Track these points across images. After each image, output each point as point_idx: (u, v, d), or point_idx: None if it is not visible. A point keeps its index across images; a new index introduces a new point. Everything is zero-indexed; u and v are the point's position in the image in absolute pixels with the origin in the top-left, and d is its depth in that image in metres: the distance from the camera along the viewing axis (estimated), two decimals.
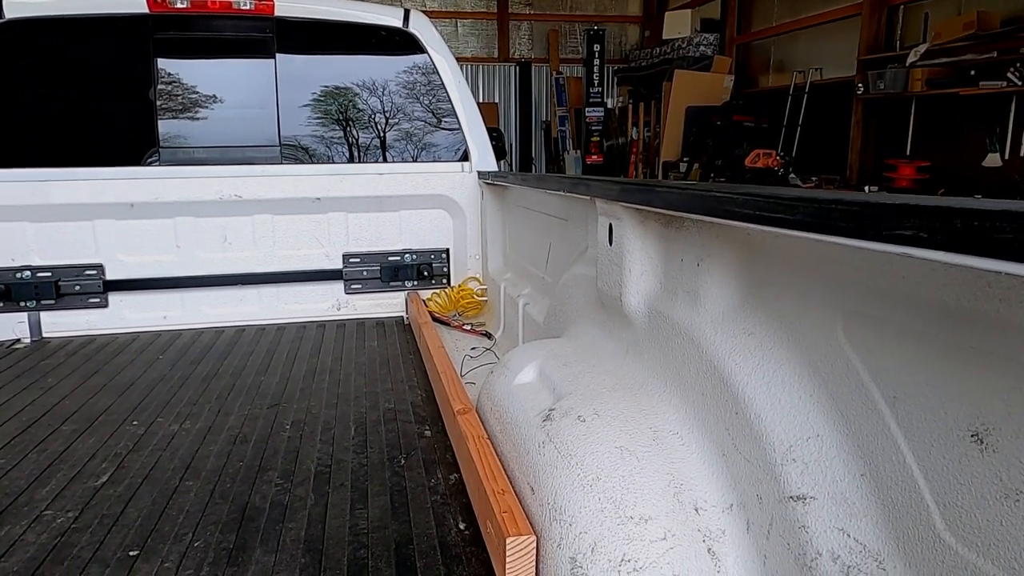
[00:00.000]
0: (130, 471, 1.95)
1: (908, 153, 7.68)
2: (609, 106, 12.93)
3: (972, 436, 0.85)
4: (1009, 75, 6.25)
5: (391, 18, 3.67)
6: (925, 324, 0.93)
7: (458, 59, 3.90)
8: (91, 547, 1.58)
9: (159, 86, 3.45)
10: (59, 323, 3.38)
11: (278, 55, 3.56)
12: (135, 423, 2.29)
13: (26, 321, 3.33)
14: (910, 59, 7.21)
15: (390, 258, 3.75)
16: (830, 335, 1.11)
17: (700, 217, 1.31)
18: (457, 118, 3.76)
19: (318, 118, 3.67)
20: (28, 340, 3.31)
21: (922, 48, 7.09)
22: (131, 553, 1.55)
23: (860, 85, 7.97)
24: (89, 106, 3.42)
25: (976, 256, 0.65)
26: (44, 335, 3.35)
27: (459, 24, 13.45)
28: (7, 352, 3.14)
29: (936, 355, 0.91)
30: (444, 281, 3.84)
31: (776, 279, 1.28)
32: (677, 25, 11.38)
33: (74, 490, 1.85)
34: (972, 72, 6.64)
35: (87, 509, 1.75)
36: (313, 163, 3.64)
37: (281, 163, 3.58)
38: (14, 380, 2.74)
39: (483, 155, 3.80)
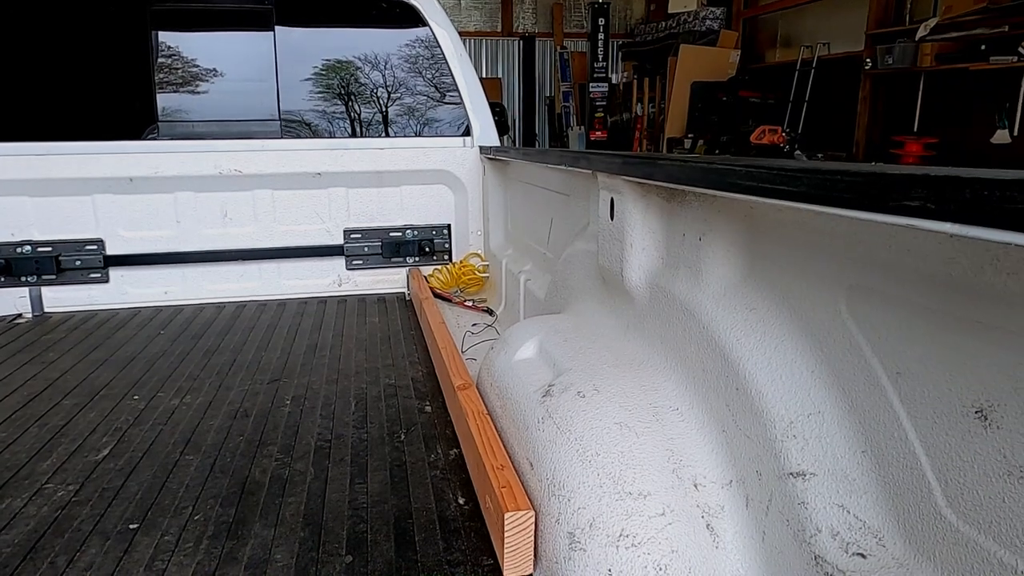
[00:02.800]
0: (131, 445, 1.96)
1: (915, 130, 7.60)
2: (613, 81, 12.81)
3: (976, 412, 0.84)
4: (1020, 50, 6.14)
5: None
6: (930, 299, 0.91)
7: (461, 34, 3.85)
8: (92, 520, 1.59)
9: (157, 59, 3.41)
10: (60, 298, 3.38)
11: (277, 27, 3.51)
12: (136, 397, 2.29)
13: (27, 296, 3.32)
14: (920, 33, 7.10)
15: (391, 234, 3.72)
16: (833, 310, 1.09)
17: (703, 190, 1.28)
18: (459, 92, 3.72)
19: (318, 92, 3.63)
20: (30, 315, 3.31)
21: (932, 22, 6.98)
22: (131, 526, 1.56)
23: (868, 60, 7.86)
24: (87, 79, 3.38)
25: (986, 227, 0.63)
26: (46, 310, 3.35)
27: None
28: (9, 327, 3.14)
29: (941, 330, 0.90)
30: (445, 257, 3.82)
31: (779, 254, 1.26)
32: None
33: (75, 464, 1.85)
34: (983, 47, 6.54)
35: (88, 482, 1.75)
36: (313, 137, 3.61)
37: (281, 137, 3.55)
38: (16, 355, 2.74)
39: (485, 129, 3.76)
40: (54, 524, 1.57)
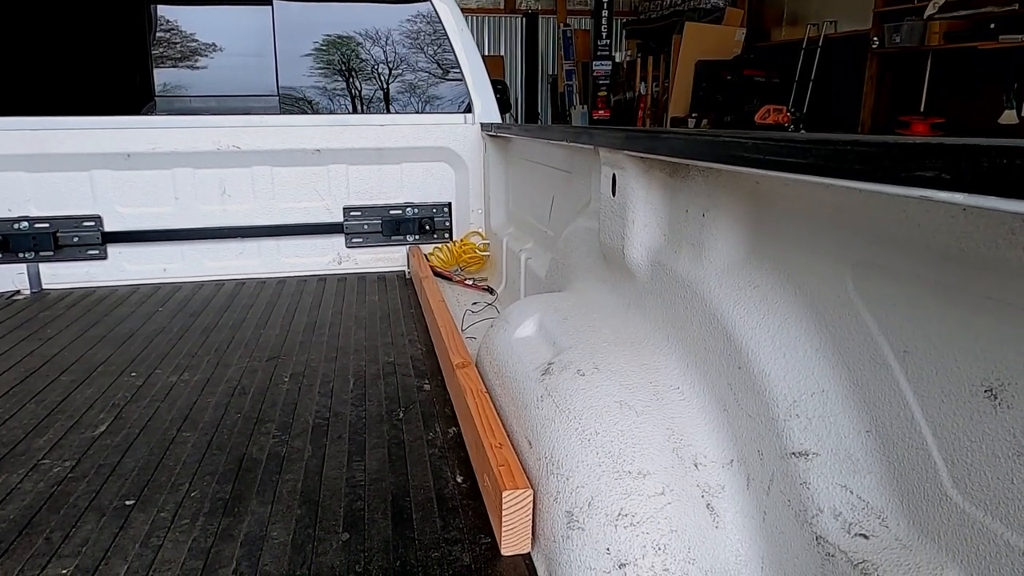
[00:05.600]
0: (128, 421, 1.95)
1: (922, 110, 7.51)
2: (617, 60, 12.66)
3: (986, 391, 0.82)
4: None
5: None
6: (940, 274, 0.89)
7: (463, 10, 3.79)
8: (88, 496, 1.58)
9: (155, 34, 3.36)
10: (58, 275, 3.36)
11: (275, 1, 3.46)
12: (134, 374, 2.28)
13: (25, 272, 3.31)
14: (928, 11, 6.99)
15: (391, 212, 3.69)
16: (839, 287, 1.07)
17: (707, 164, 1.25)
18: (460, 68, 3.67)
19: (318, 67, 3.58)
20: (28, 291, 3.30)
21: (941, 0, 6.87)
22: (127, 502, 1.55)
23: (875, 39, 7.75)
24: (84, 54, 3.33)
25: (1004, 198, 0.60)
26: (44, 287, 3.34)
27: None
28: (7, 303, 3.13)
29: (951, 307, 0.87)
30: (446, 235, 3.80)
31: (784, 230, 1.23)
32: None
33: (72, 440, 1.84)
34: (992, 25, 6.44)
35: (84, 459, 1.74)
36: (313, 114, 3.57)
37: (280, 113, 3.51)
38: (13, 331, 2.73)
39: (487, 106, 3.71)
40: (50, 500, 1.56)
